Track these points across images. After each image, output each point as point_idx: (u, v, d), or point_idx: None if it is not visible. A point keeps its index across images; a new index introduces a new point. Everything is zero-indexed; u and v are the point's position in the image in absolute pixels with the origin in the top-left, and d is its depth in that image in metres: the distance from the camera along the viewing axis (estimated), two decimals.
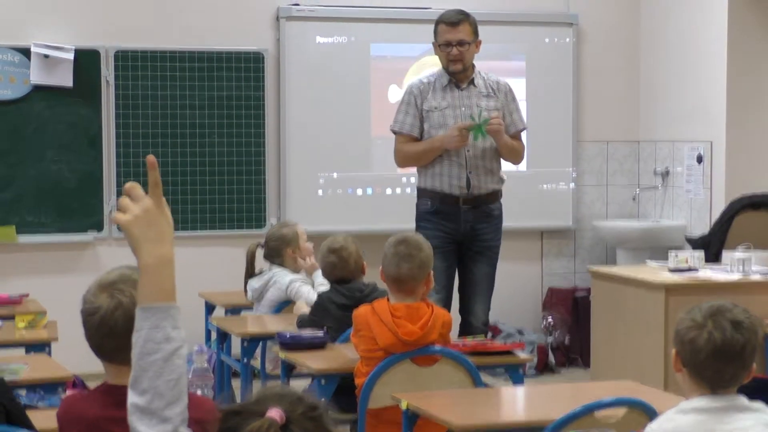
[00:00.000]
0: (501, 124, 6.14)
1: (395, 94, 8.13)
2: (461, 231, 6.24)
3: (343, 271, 5.24)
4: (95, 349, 2.72)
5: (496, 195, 6.33)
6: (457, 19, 6.22)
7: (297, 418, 1.99)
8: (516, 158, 6.42)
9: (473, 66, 6.31)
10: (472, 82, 6.30)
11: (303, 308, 5.51)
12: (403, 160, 6.44)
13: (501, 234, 6.38)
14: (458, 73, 6.24)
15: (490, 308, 6.34)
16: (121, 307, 2.65)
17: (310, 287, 5.85)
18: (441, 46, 6.24)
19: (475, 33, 6.26)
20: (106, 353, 2.71)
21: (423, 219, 6.32)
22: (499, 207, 6.36)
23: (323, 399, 4.63)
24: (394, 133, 6.35)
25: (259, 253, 6.19)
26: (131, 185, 2.19)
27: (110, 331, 2.65)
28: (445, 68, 6.26)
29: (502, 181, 6.37)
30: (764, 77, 7.99)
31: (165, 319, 2.15)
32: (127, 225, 2.17)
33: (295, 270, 6.06)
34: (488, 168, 6.26)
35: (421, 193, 6.36)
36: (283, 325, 5.29)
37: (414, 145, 6.29)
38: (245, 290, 6.13)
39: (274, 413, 1.97)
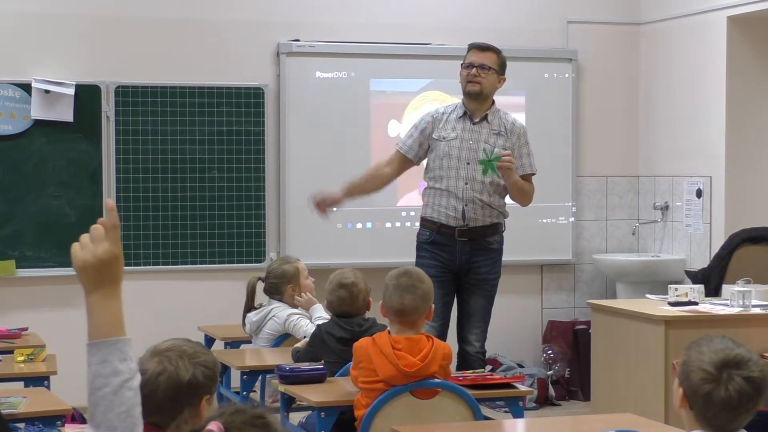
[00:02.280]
0: (512, 162, 6.14)
1: (395, 129, 8.16)
2: (457, 262, 6.25)
3: (350, 306, 5.21)
4: None
5: (494, 228, 6.32)
6: (487, 46, 6.36)
7: (237, 426, 2.19)
8: (524, 200, 6.37)
9: (493, 102, 6.35)
10: (486, 117, 6.32)
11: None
12: None
13: (499, 267, 6.37)
14: (473, 96, 6.26)
15: (487, 338, 6.33)
16: (165, 373, 2.90)
17: (308, 321, 5.84)
18: (464, 66, 6.31)
19: (501, 66, 6.33)
20: (144, 413, 2.82)
21: (421, 248, 6.35)
22: (498, 240, 6.35)
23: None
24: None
25: (260, 287, 6.18)
26: (94, 226, 2.25)
27: (151, 392, 2.81)
28: (463, 89, 6.32)
29: (502, 215, 6.37)
30: (763, 112, 8.01)
31: (112, 353, 2.20)
32: (80, 267, 2.23)
33: (294, 306, 6.05)
34: (486, 202, 6.25)
35: (422, 222, 6.40)
36: (282, 359, 5.28)
37: (365, 173, 6.54)
38: (243, 323, 6.12)
39: (212, 426, 2.18)
